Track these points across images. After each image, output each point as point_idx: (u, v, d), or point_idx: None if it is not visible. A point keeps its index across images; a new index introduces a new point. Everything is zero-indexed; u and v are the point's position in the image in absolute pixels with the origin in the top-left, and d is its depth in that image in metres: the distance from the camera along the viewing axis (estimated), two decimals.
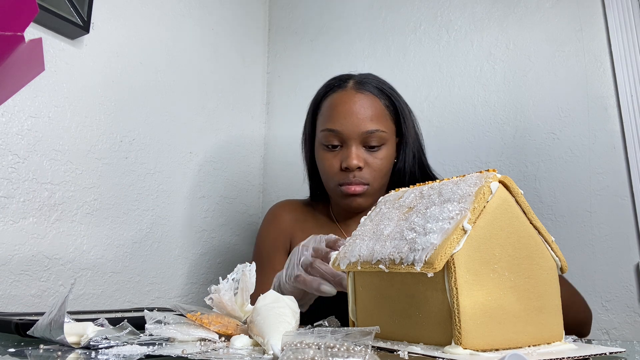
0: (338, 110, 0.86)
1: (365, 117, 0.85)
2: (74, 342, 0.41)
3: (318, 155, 0.90)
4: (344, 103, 0.86)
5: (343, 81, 0.90)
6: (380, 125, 0.86)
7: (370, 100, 0.87)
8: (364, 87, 0.88)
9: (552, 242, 0.45)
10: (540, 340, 0.41)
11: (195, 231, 1.21)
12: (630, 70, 0.96)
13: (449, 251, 0.38)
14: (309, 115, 0.95)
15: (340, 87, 0.89)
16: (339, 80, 0.91)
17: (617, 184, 0.94)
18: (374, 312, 0.46)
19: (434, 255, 0.38)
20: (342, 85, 0.89)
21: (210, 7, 1.33)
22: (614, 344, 0.50)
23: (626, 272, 0.91)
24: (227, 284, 0.52)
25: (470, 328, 0.37)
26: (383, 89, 0.89)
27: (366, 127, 0.84)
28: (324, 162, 0.88)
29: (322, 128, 0.88)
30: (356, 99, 0.86)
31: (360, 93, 0.87)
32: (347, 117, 0.85)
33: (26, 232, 0.87)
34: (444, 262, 0.37)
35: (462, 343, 0.37)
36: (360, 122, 0.84)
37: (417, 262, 0.39)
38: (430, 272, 0.38)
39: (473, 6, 1.17)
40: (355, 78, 0.91)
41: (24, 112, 0.89)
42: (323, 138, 0.88)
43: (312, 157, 0.95)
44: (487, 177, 0.42)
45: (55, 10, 0.90)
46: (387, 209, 0.50)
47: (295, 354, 0.33)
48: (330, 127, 0.86)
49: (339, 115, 0.86)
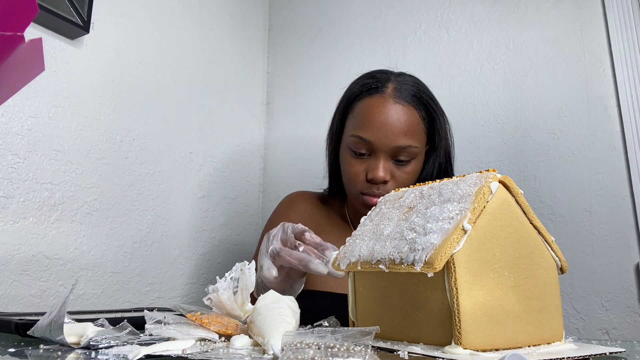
0: (372, 119, 0.81)
1: (400, 131, 0.80)
2: (73, 342, 0.41)
3: (343, 158, 0.87)
4: (380, 112, 0.81)
5: (381, 83, 0.84)
6: (414, 140, 0.81)
7: (406, 112, 0.81)
8: (402, 96, 0.82)
9: (552, 242, 0.45)
10: (540, 340, 0.42)
11: (195, 231, 1.20)
12: (630, 70, 0.96)
13: (449, 251, 0.38)
14: (338, 111, 0.91)
15: (378, 92, 0.83)
16: (377, 81, 0.85)
17: (617, 184, 0.94)
18: (374, 312, 0.46)
19: (434, 255, 0.38)
20: (379, 89, 0.83)
21: (210, 7, 1.33)
22: (614, 344, 0.50)
23: (626, 272, 0.91)
24: (225, 283, 0.52)
25: (470, 328, 0.37)
26: (422, 98, 0.84)
27: (398, 142, 0.80)
28: (349, 168, 0.85)
29: (352, 133, 0.83)
30: (392, 110, 0.81)
31: (397, 103, 0.81)
32: (381, 128, 0.80)
33: (26, 232, 0.87)
34: (444, 262, 0.37)
35: (462, 343, 0.37)
36: (393, 136, 0.80)
37: (417, 262, 0.38)
38: (430, 272, 0.38)
39: (473, 6, 1.17)
40: (394, 82, 0.84)
41: (24, 112, 0.89)
42: (352, 143, 0.83)
43: (336, 154, 0.92)
44: (487, 177, 0.42)
45: (55, 10, 0.90)
46: (387, 209, 0.50)
47: (295, 354, 0.33)
48: (361, 136, 0.81)
49: (372, 124, 0.81)
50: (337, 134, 0.91)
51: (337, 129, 0.91)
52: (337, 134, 0.91)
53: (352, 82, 0.91)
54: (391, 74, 0.87)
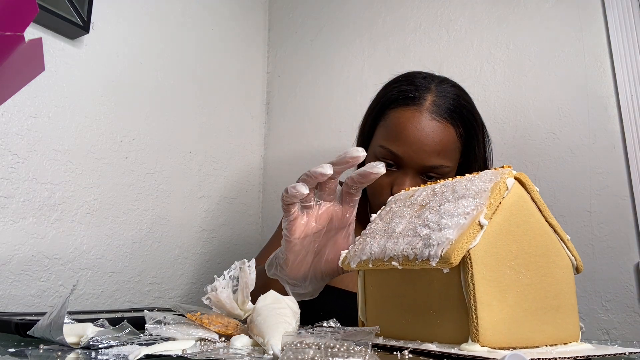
0: (404, 133, 0.75)
1: (433, 150, 0.75)
2: (73, 342, 0.41)
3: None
4: (413, 128, 0.75)
5: (420, 93, 0.78)
6: (446, 160, 0.76)
7: (443, 130, 0.76)
8: (440, 112, 0.76)
9: (567, 241, 0.44)
10: (557, 340, 0.40)
11: (195, 231, 1.21)
12: (630, 70, 0.96)
13: (465, 246, 0.36)
14: (370, 115, 0.84)
15: (415, 103, 0.77)
16: (416, 89, 0.78)
17: (617, 184, 0.94)
18: (385, 310, 0.45)
19: (450, 250, 0.36)
20: (416, 100, 0.77)
21: (210, 7, 1.33)
22: (614, 344, 0.50)
23: (626, 272, 0.91)
24: (224, 281, 0.52)
25: (488, 325, 0.36)
26: (461, 114, 0.78)
27: (430, 162, 0.75)
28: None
29: (381, 143, 0.78)
30: (428, 127, 0.75)
31: (434, 120, 0.75)
32: (413, 144, 0.75)
33: (26, 232, 0.87)
34: (460, 257, 0.36)
35: (479, 340, 0.36)
36: (425, 155, 0.75)
37: (432, 258, 0.37)
38: (447, 268, 0.37)
39: (473, 6, 1.17)
40: (433, 93, 0.78)
41: (24, 112, 0.89)
42: (380, 153, 0.78)
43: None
44: (503, 173, 0.42)
45: (55, 10, 0.90)
46: (397, 207, 0.49)
47: (295, 354, 0.33)
48: (391, 149, 0.76)
49: (404, 139, 0.75)
50: (366, 138, 0.85)
51: (367, 133, 0.85)
52: (367, 138, 0.85)
53: (389, 83, 0.84)
54: (432, 81, 0.80)
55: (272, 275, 0.60)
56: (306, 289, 0.59)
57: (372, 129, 0.84)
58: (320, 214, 0.57)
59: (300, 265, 0.57)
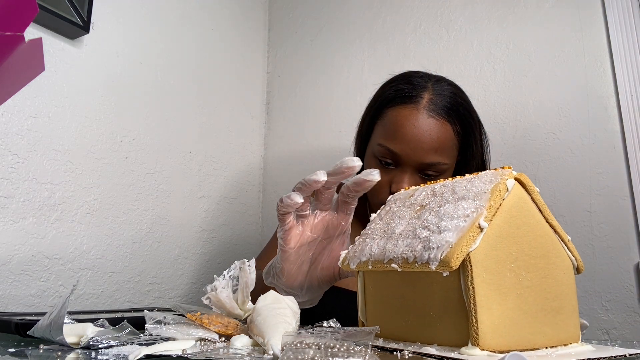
0: (402, 131, 0.76)
1: (431, 148, 0.76)
2: (73, 342, 0.41)
3: (368, 165, 0.82)
4: (411, 126, 0.76)
5: (417, 91, 0.79)
6: (444, 157, 0.77)
7: (440, 127, 0.77)
8: (437, 109, 0.77)
9: (568, 241, 0.43)
10: (558, 341, 0.40)
11: (195, 231, 1.21)
12: (630, 70, 0.96)
13: (465, 249, 0.36)
14: (368, 114, 0.85)
15: (412, 101, 0.78)
16: (412, 88, 0.79)
17: (617, 184, 0.94)
18: (384, 312, 0.45)
19: (450, 253, 0.36)
20: (413, 99, 0.78)
21: (210, 7, 1.33)
22: (614, 344, 0.50)
23: (626, 272, 0.91)
24: (224, 281, 0.52)
25: (487, 329, 0.36)
26: (458, 111, 0.79)
27: (428, 159, 0.76)
28: None
29: (380, 141, 0.79)
30: (425, 124, 0.76)
31: (431, 117, 0.77)
32: (410, 142, 0.76)
33: (26, 232, 0.87)
34: (460, 260, 0.36)
35: (479, 344, 0.35)
36: (423, 152, 0.76)
37: (432, 261, 0.37)
38: (446, 271, 0.37)
39: (473, 6, 1.17)
40: (430, 91, 0.79)
41: (24, 112, 0.89)
42: (378, 152, 0.79)
43: (361, 157, 0.88)
44: (503, 174, 0.41)
45: (55, 10, 0.90)
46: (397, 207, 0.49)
47: (295, 354, 0.33)
48: (389, 147, 0.77)
49: (401, 137, 0.76)
50: (364, 137, 0.86)
51: (365, 132, 0.86)
52: (365, 138, 0.86)
53: (386, 83, 0.85)
54: (429, 80, 0.81)
55: (269, 283, 0.60)
56: (304, 298, 0.59)
57: (370, 128, 0.84)
58: (316, 223, 0.57)
59: (297, 275, 0.57)
